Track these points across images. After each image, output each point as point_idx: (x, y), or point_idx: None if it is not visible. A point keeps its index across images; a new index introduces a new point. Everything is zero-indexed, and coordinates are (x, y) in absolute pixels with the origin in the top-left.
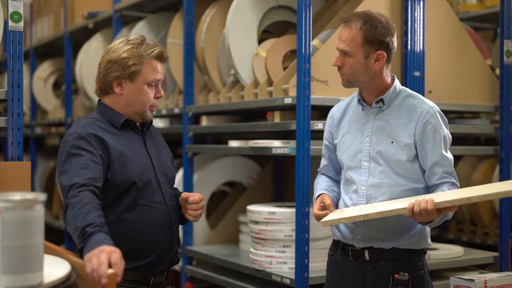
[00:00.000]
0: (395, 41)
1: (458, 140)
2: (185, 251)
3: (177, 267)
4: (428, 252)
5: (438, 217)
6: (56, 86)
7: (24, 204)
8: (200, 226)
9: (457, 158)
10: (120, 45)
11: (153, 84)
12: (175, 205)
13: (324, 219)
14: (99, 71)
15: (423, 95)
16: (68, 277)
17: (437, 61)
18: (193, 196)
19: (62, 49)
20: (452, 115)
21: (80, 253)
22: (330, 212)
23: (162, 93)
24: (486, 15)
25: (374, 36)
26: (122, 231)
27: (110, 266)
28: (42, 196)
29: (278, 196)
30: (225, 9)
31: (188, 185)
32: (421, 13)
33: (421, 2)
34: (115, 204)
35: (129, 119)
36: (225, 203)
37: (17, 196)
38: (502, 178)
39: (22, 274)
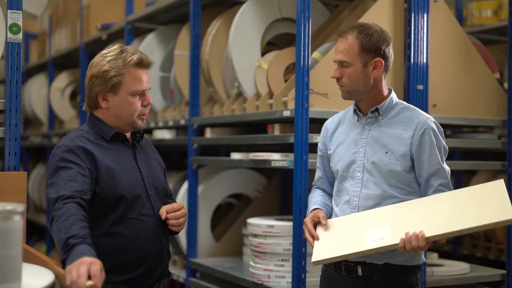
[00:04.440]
0: (391, 50)
1: (471, 154)
2: (189, 263)
3: (181, 279)
4: (432, 268)
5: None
6: (73, 96)
7: (2, 215)
8: (205, 238)
9: (470, 173)
10: (100, 59)
11: (138, 93)
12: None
13: (316, 257)
14: (86, 87)
15: (426, 108)
16: None
17: (441, 74)
18: (171, 205)
19: (79, 60)
20: (465, 129)
21: (64, 265)
22: (323, 224)
23: (150, 100)
24: (502, 27)
25: (371, 44)
26: (111, 244)
27: (90, 277)
28: (20, 207)
29: (284, 209)
30: (231, 21)
31: (193, 197)
32: (425, 26)
33: (425, 15)
34: (104, 218)
35: (120, 131)
36: (231, 216)
37: None
38: (510, 195)
39: None
